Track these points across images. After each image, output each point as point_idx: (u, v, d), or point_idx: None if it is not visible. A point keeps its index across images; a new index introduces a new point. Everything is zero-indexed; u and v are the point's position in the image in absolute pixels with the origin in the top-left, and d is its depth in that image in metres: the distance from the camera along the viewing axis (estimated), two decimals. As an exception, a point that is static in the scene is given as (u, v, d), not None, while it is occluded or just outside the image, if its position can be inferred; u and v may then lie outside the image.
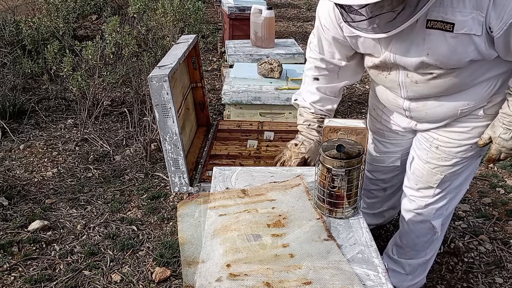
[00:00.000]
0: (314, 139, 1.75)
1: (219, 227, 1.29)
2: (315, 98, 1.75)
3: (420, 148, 1.74)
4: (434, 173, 1.71)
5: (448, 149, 1.66)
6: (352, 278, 1.09)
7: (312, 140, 1.75)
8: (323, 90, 1.75)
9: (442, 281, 2.10)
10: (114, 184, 2.80)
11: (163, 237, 2.34)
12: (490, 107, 1.55)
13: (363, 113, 3.81)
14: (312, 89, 1.76)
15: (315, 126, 1.76)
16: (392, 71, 1.56)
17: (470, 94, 1.52)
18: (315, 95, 1.75)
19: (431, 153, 1.70)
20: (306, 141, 1.76)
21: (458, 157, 1.66)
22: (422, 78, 1.50)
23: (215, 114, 3.79)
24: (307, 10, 7.91)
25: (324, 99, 1.76)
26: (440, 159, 1.68)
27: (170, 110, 1.75)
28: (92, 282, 2.07)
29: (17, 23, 4.53)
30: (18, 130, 3.45)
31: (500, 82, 1.50)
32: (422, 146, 1.73)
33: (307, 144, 1.75)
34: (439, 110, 1.58)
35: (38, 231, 2.36)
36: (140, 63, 4.13)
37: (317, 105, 1.76)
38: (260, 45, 3.47)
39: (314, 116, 1.77)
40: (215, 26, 6.25)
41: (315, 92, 1.75)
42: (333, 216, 1.33)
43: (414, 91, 1.56)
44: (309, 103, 1.76)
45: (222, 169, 1.63)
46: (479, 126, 1.59)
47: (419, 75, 1.50)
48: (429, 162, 1.71)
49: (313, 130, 1.76)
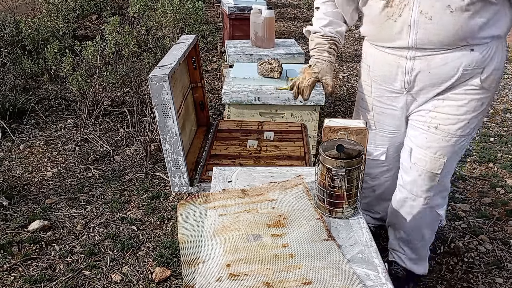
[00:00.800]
0: (326, 59, 1.81)
1: (219, 227, 1.29)
2: (324, 22, 1.82)
3: (418, 135, 1.76)
4: (437, 158, 1.74)
5: (447, 127, 1.69)
6: (352, 278, 1.09)
7: (324, 61, 1.80)
8: (330, 15, 1.82)
9: (442, 281, 2.10)
10: (114, 184, 2.80)
11: (163, 237, 2.34)
12: (485, 78, 1.62)
13: (363, 113, 3.81)
14: (320, 15, 1.84)
15: (325, 47, 1.81)
16: (405, 10, 1.57)
17: (472, 54, 1.58)
18: (324, 20, 1.82)
19: (430, 135, 1.73)
20: (319, 62, 1.81)
21: (457, 135, 1.70)
22: (440, 10, 1.52)
23: (215, 114, 3.79)
24: (307, 10, 7.90)
25: (332, 22, 1.82)
26: (441, 140, 1.71)
27: (170, 110, 1.75)
28: (92, 282, 2.07)
29: (17, 23, 4.53)
30: (18, 130, 3.45)
31: (494, 48, 1.60)
32: (420, 131, 1.75)
33: (319, 65, 1.80)
34: (443, 70, 1.61)
35: (38, 231, 2.36)
36: (140, 63, 4.13)
37: (327, 28, 1.82)
38: (260, 45, 3.47)
39: (325, 38, 1.82)
40: (215, 26, 6.25)
41: (323, 17, 1.83)
42: (333, 216, 1.33)
43: (424, 33, 1.57)
44: (318, 27, 1.83)
45: (222, 169, 1.63)
46: (475, 99, 1.65)
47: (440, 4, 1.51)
48: (430, 147, 1.73)
49: (324, 51, 1.81)
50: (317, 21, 1.86)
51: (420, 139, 1.76)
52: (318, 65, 1.80)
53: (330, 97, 4.12)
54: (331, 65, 1.81)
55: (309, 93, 1.81)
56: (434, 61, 1.62)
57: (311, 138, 2.59)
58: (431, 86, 1.68)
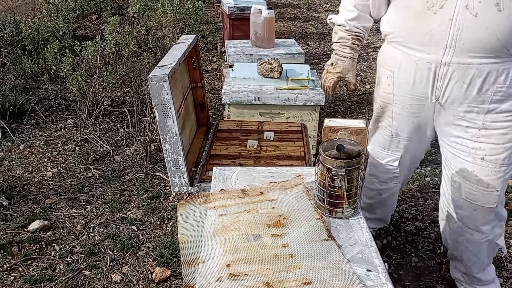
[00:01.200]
0: (348, 56, 1.78)
1: (219, 227, 1.29)
2: (351, 15, 1.74)
3: (464, 168, 1.63)
4: (489, 192, 1.63)
5: (494, 157, 1.58)
6: (352, 278, 1.09)
7: (346, 58, 1.78)
8: (360, 8, 1.73)
9: (442, 281, 2.10)
10: (114, 184, 2.80)
11: (163, 237, 2.34)
12: None
13: (363, 113, 3.81)
14: (350, 6, 1.74)
15: (348, 43, 1.77)
16: (448, 0, 1.43)
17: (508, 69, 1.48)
18: (352, 12, 1.74)
19: (477, 167, 1.61)
20: (340, 60, 1.79)
21: (505, 164, 1.59)
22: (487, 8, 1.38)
23: (215, 114, 3.79)
24: (307, 10, 7.90)
25: (360, 16, 1.74)
26: (490, 172, 1.60)
27: (170, 110, 1.75)
28: (92, 282, 2.07)
29: (17, 23, 4.53)
30: (18, 130, 3.45)
31: None
32: (466, 163, 1.63)
33: (341, 63, 1.79)
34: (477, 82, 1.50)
35: (38, 231, 2.36)
36: (140, 63, 4.13)
37: (353, 22, 1.75)
38: (260, 45, 3.47)
39: (349, 33, 1.77)
40: (215, 26, 6.25)
41: (352, 9, 1.74)
42: (333, 216, 1.33)
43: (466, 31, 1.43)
44: (344, 20, 1.76)
45: (222, 169, 1.63)
46: None
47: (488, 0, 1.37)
48: (481, 181, 1.62)
49: (346, 47, 1.78)
50: (345, 12, 1.77)
51: (467, 172, 1.63)
52: (339, 64, 1.79)
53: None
54: (353, 61, 1.79)
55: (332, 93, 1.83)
56: (470, 70, 1.49)
57: (311, 138, 2.59)
58: (463, 99, 1.55)
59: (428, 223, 2.46)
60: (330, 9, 7.93)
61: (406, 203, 2.63)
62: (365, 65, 5.02)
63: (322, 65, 5.05)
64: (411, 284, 2.08)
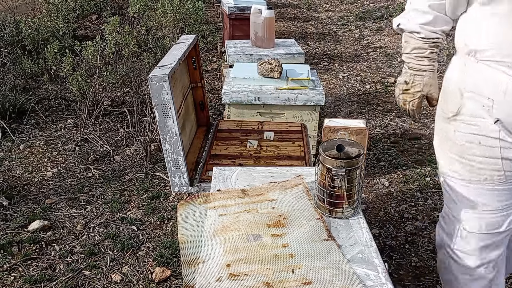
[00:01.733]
0: (427, 69, 1.46)
1: (219, 227, 1.29)
2: (427, 18, 1.40)
3: None
4: None
5: None
6: (352, 278, 1.09)
7: (425, 71, 1.46)
8: (436, 8, 1.39)
9: (442, 281, 2.10)
10: (114, 184, 2.80)
11: (163, 237, 2.34)
12: None
13: (363, 113, 3.81)
14: (423, 6, 1.40)
15: (425, 53, 1.44)
16: None
17: None
18: (428, 15, 1.40)
19: None
20: (418, 75, 1.47)
21: None
22: None
23: (215, 114, 3.78)
24: (307, 10, 7.90)
25: (438, 19, 1.40)
26: None
27: (170, 110, 1.75)
28: (92, 282, 2.07)
29: (17, 23, 4.53)
30: (18, 130, 3.45)
31: None
32: None
33: (419, 79, 1.47)
34: None
35: (38, 231, 2.36)
36: (140, 63, 4.13)
37: (429, 27, 1.41)
38: (260, 45, 3.47)
39: (425, 41, 1.43)
40: (215, 26, 6.25)
41: (427, 10, 1.40)
42: (333, 216, 1.33)
43: None
44: (417, 25, 1.42)
45: (222, 169, 1.63)
46: None
47: None
48: None
49: (423, 59, 1.45)
50: (416, 15, 1.42)
51: None
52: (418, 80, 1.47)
53: (329, 98, 4.13)
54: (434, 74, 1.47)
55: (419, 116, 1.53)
56: None
57: (311, 138, 2.59)
58: None
59: (428, 223, 2.46)
60: (330, 9, 7.93)
61: (406, 203, 2.63)
62: (365, 65, 5.02)
63: (322, 65, 5.05)
64: (411, 284, 2.08)
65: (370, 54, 5.42)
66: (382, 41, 5.88)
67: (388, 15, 6.81)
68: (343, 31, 6.48)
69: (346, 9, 7.84)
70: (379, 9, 7.32)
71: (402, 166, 2.99)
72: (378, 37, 6.03)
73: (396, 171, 2.95)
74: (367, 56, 5.34)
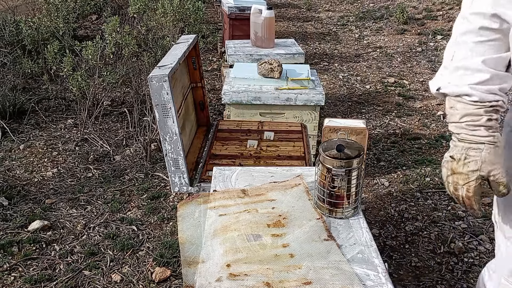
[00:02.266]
0: (486, 141, 1.11)
1: (219, 227, 1.29)
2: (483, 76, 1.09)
3: None
4: None
5: None
6: (352, 278, 1.09)
7: (483, 144, 1.11)
8: (493, 64, 1.09)
9: (442, 281, 2.10)
10: (114, 184, 2.80)
11: (163, 237, 2.34)
12: None
13: (363, 113, 3.81)
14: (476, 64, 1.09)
15: (482, 121, 1.10)
16: None
17: None
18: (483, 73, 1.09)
19: None
20: (473, 149, 1.12)
21: None
22: None
23: (215, 114, 3.78)
24: (307, 10, 7.90)
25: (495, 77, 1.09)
26: None
27: (170, 110, 1.75)
28: (92, 282, 2.07)
29: (17, 23, 4.53)
30: (18, 130, 3.45)
31: None
32: None
33: (475, 154, 1.12)
34: None
35: (38, 231, 2.36)
36: (140, 63, 4.13)
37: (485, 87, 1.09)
38: (260, 45, 3.47)
39: (480, 106, 1.10)
40: (215, 26, 6.25)
41: (481, 68, 1.09)
42: (333, 216, 1.33)
43: None
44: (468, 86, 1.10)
45: (222, 169, 1.63)
46: None
47: None
48: None
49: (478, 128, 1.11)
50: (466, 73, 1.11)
51: None
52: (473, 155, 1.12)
53: (329, 99, 4.12)
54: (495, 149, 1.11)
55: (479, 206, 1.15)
56: None
57: (311, 138, 2.59)
58: None
59: (428, 223, 2.46)
60: (330, 9, 7.93)
61: (406, 203, 2.63)
62: (365, 65, 5.02)
63: (322, 65, 5.05)
64: (411, 284, 2.08)
65: (370, 54, 5.42)
66: (382, 41, 5.88)
67: (388, 15, 6.81)
68: (343, 31, 6.48)
69: (346, 9, 7.84)
70: (379, 9, 7.32)
71: (402, 166, 2.99)
72: (378, 37, 6.03)
73: (396, 171, 2.95)
74: (367, 56, 5.34)
